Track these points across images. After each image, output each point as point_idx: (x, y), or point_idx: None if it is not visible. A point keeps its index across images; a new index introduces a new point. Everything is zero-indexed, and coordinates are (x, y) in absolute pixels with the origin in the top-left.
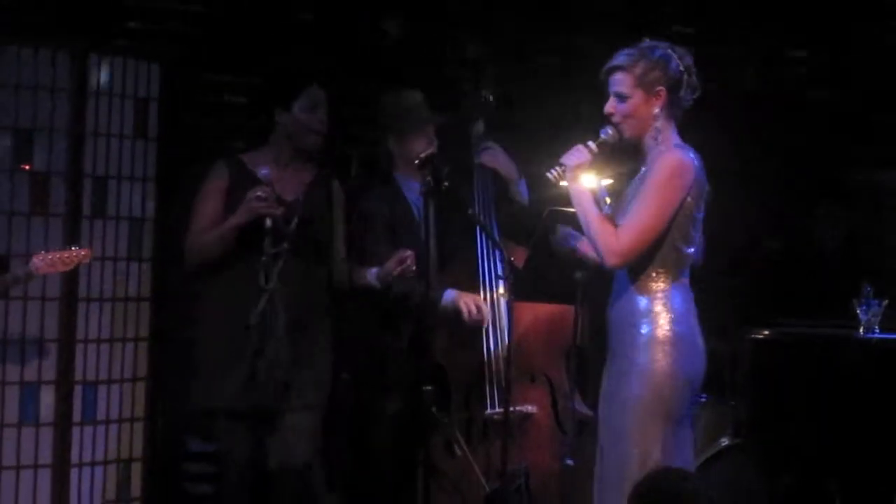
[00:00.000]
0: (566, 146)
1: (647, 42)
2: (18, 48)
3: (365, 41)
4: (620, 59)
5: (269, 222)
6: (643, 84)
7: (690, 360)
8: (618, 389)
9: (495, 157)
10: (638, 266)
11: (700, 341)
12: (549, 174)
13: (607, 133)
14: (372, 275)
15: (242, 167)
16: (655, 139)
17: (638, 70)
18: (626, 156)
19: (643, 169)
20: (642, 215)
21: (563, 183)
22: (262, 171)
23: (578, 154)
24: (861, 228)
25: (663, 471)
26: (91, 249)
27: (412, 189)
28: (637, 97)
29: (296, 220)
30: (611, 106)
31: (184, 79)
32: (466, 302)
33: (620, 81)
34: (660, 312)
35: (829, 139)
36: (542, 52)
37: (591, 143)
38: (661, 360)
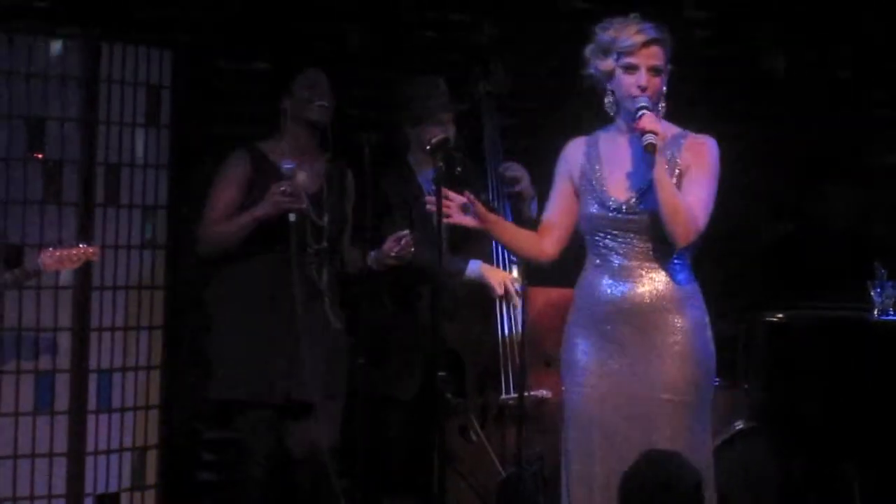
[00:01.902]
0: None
1: (636, 17)
2: (30, 36)
3: (379, 26)
4: (654, 32)
5: (292, 217)
6: (668, 59)
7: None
8: (661, 375)
9: (520, 176)
10: (670, 249)
11: None
12: (651, 141)
13: (658, 107)
14: (370, 257)
15: (264, 157)
16: (661, 116)
17: (668, 44)
18: None
19: (677, 145)
20: (707, 196)
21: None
22: (286, 165)
23: (659, 123)
24: (875, 209)
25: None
26: (98, 248)
27: (426, 176)
28: (665, 72)
29: (327, 215)
30: (646, 80)
31: (196, 66)
32: (498, 281)
33: (657, 55)
34: (693, 296)
35: (845, 120)
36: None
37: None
38: (707, 342)
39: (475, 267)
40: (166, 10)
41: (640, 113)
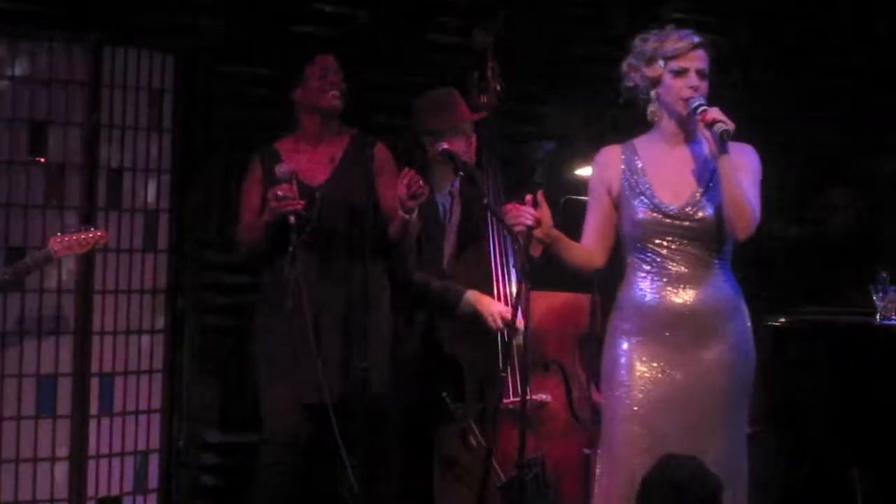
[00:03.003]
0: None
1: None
2: (33, 40)
3: (383, 30)
4: (698, 37)
5: (292, 218)
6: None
7: None
8: (718, 380)
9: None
10: (721, 255)
11: None
12: (727, 128)
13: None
14: (400, 213)
15: (274, 156)
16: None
17: (710, 50)
18: None
19: (695, 150)
20: (757, 196)
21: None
22: (281, 169)
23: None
24: (879, 213)
25: (667, 459)
26: (107, 231)
27: (441, 189)
28: (709, 78)
29: (317, 206)
30: (697, 81)
31: (199, 70)
32: (493, 317)
33: (703, 58)
34: (742, 300)
35: (848, 126)
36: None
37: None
38: (753, 346)
39: (469, 300)
40: (169, 14)
41: (701, 109)
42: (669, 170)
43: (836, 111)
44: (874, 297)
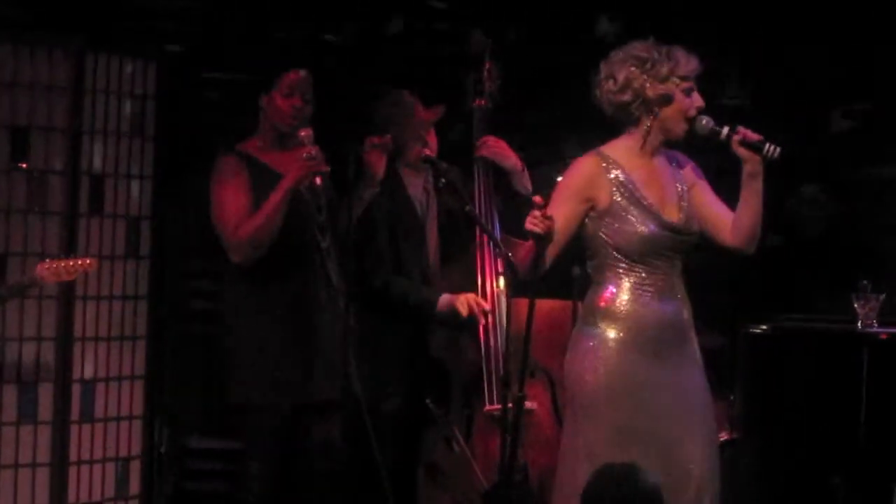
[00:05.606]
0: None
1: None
2: (15, 45)
3: (363, 37)
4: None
5: (318, 180)
6: None
7: None
8: (696, 382)
9: (496, 148)
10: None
11: None
12: (774, 152)
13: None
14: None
15: (252, 159)
16: None
17: None
18: None
19: (678, 163)
20: None
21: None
22: (302, 132)
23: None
24: (860, 220)
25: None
26: (95, 260)
27: (414, 185)
28: None
29: (325, 209)
30: (699, 98)
31: (181, 76)
32: (462, 302)
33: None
34: None
35: (829, 131)
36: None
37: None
38: None
39: (444, 301)
40: (152, 20)
41: (726, 129)
42: (655, 183)
43: (817, 117)
44: (855, 305)
